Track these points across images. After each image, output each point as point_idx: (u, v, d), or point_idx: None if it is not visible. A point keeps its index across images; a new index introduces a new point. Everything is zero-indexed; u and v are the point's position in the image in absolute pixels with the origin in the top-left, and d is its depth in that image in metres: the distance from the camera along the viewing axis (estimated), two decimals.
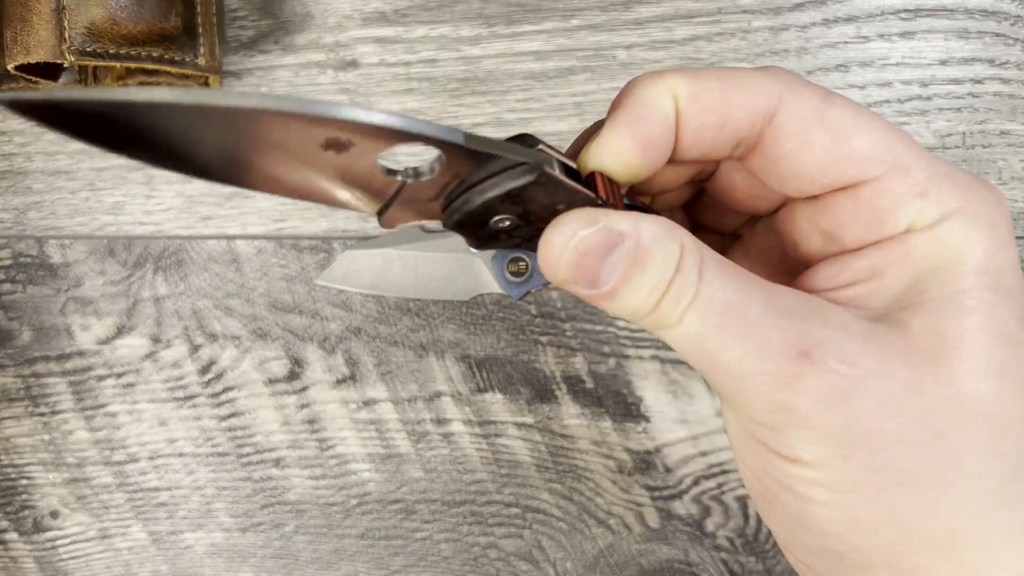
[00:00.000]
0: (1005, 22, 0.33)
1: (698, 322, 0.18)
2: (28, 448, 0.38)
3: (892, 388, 0.18)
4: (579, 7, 0.34)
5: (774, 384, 0.18)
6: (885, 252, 0.19)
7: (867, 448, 0.18)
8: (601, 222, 0.18)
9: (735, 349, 0.18)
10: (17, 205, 0.37)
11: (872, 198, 0.19)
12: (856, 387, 0.18)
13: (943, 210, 0.19)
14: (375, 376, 0.37)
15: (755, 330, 0.18)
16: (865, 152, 0.19)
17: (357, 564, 0.39)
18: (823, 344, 0.18)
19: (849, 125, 0.19)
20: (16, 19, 0.31)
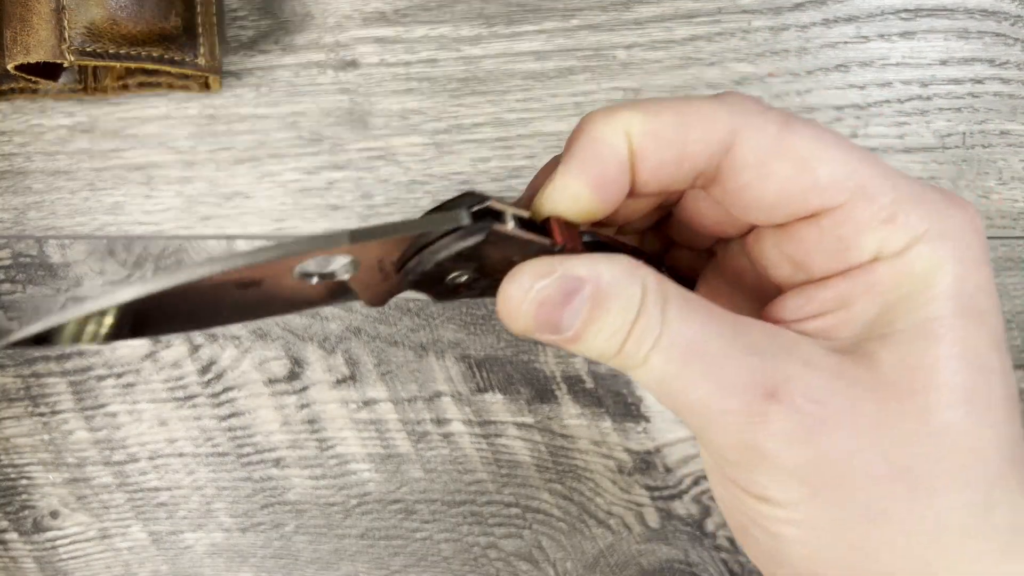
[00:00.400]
0: (1005, 22, 0.33)
1: (663, 363, 0.18)
2: (28, 448, 0.38)
3: (859, 425, 0.17)
4: (579, 7, 0.34)
5: (740, 424, 0.18)
6: (852, 282, 0.19)
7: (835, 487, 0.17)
8: (557, 271, 0.18)
9: (700, 389, 0.18)
10: (17, 205, 0.37)
11: (836, 227, 0.19)
12: (823, 425, 0.17)
13: (911, 235, 0.18)
14: (375, 376, 0.37)
15: (720, 369, 0.18)
16: (827, 180, 0.19)
17: (357, 564, 0.39)
18: (789, 382, 0.17)
19: (810, 153, 0.19)
20: (16, 19, 0.31)
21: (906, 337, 0.18)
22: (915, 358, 0.18)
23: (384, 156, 0.35)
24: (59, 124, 0.36)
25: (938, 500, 0.17)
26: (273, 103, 0.35)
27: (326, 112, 0.35)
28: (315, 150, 0.35)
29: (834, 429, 0.17)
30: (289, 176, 0.36)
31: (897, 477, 0.17)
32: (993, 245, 0.34)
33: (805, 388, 0.17)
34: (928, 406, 0.17)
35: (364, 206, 0.36)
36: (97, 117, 0.36)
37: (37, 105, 0.36)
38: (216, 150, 0.36)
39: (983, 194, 0.34)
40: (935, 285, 0.18)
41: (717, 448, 0.19)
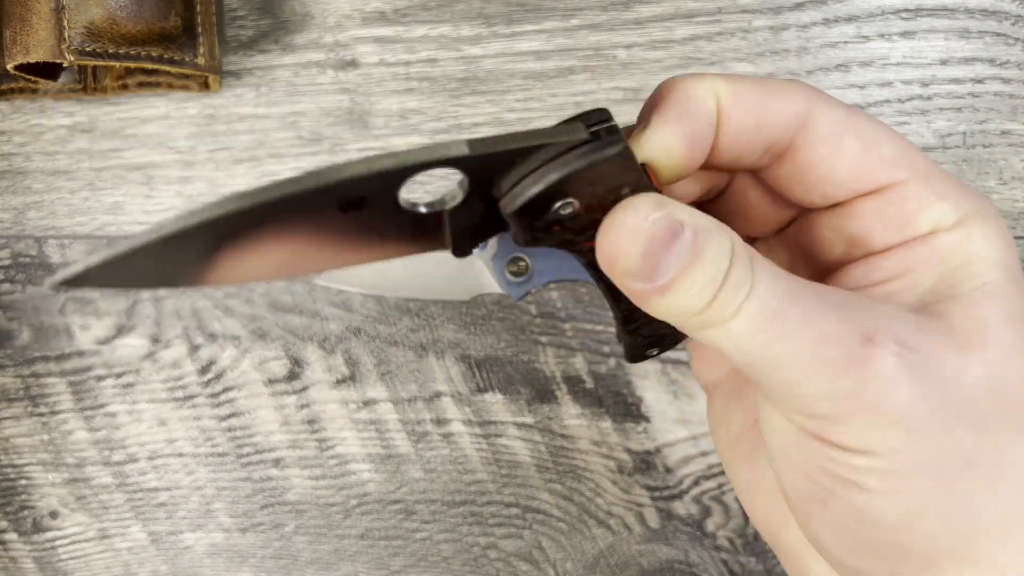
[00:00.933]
0: (1006, 22, 0.33)
1: (754, 316, 0.18)
2: (27, 448, 0.38)
3: (948, 371, 0.18)
4: (579, 7, 0.34)
5: (838, 371, 0.18)
6: (912, 251, 0.20)
7: (935, 430, 0.18)
8: (667, 208, 0.18)
9: (794, 339, 0.18)
10: (16, 205, 0.37)
11: (899, 201, 0.20)
12: (918, 370, 0.18)
13: (961, 212, 0.20)
14: (375, 376, 0.37)
15: (813, 320, 0.18)
16: (892, 157, 0.20)
17: (357, 564, 0.39)
18: (882, 330, 0.18)
19: (873, 134, 0.20)
20: (15, 19, 0.31)
21: (971, 299, 0.19)
22: (983, 316, 0.19)
23: None
24: (59, 124, 0.36)
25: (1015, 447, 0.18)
26: (273, 103, 0.35)
27: (326, 112, 0.35)
28: (315, 150, 0.35)
29: (927, 374, 0.18)
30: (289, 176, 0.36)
31: (983, 425, 0.18)
32: None
33: (898, 336, 0.18)
34: (998, 360, 0.18)
35: None
36: (97, 117, 0.36)
37: (37, 105, 0.36)
38: (216, 150, 0.36)
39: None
40: (988, 256, 0.19)
41: (805, 403, 0.18)
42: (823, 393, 0.18)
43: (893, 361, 0.18)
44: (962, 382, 0.18)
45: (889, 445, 0.18)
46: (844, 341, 0.18)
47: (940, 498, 0.18)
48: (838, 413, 0.18)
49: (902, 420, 0.18)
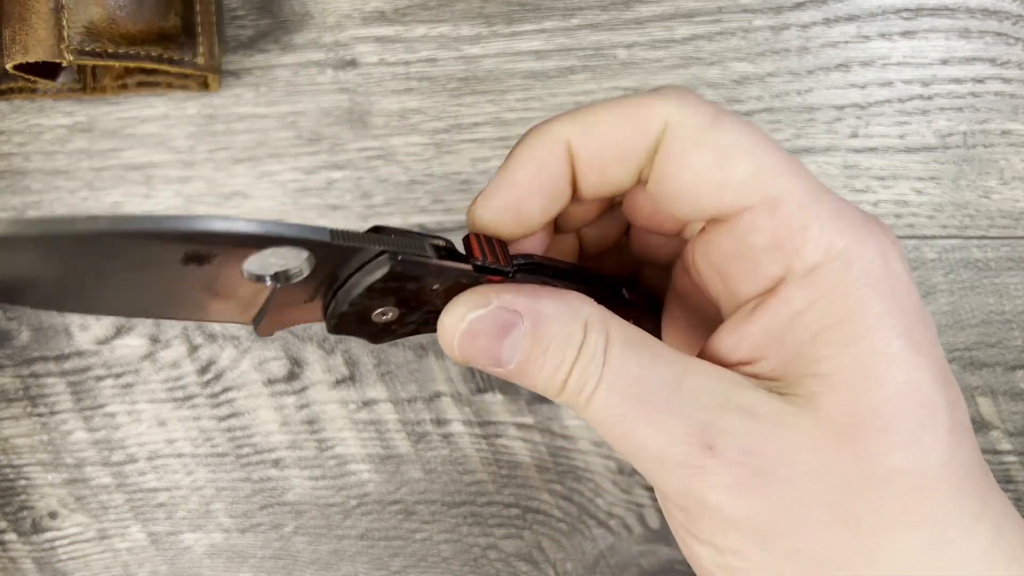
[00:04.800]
0: (1007, 21, 0.33)
1: (605, 405, 0.18)
2: (27, 449, 0.38)
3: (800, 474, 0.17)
4: (579, 6, 0.34)
5: (682, 474, 0.17)
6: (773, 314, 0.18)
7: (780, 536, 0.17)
8: (493, 303, 0.18)
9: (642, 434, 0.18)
10: (16, 205, 0.37)
11: (747, 233, 0.18)
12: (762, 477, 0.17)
13: (820, 253, 0.17)
14: (374, 376, 0.37)
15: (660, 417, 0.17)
16: (742, 178, 0.18)
17: (357, 565, 0.39)
18: (726, 434, 0.17)
19: (733, 148, 0.18)
20: (15, 18, 0.31)
21: (846, 377, 0.17)
22: (856, 401, 0.17)
23: (384, 156, 0.35)
24: (58, 124, 0.36)
25: (886, 545, 0.17)
26: (272, 102, 0.35)
27: (325, 112, 0.35)
28: (314, 150, 0.35)
29: (774, 480, 0.17)
30: (288, 176, 0.36)
31: (842, 524, 0.17)
32: (994, 245, 0.34)
33: (743, 441, 0.17)
34: (870, 451, 0.17)
35: (363, 206, 0.35)
36: (96, 117, 0.36)
37: (36, 105, 0.36)
38: (215, 150, 0.36)
39: (984, 194, 0.34)
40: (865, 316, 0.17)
41: (664, 493, 0.18)
42: (673, 490, 0.18)
43: (731, 471, 0.17)
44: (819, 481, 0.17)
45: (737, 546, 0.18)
46: (687, 443, 0.17)
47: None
48: (687, 509, 0.18)
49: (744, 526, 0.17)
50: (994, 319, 0.35)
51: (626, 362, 0.18)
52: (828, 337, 0.17)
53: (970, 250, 0.34)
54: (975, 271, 0.35)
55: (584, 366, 0.18)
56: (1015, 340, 0.35)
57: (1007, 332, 0.35)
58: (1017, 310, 0.35)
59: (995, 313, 0.35)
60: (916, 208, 0.34)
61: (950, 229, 0.34)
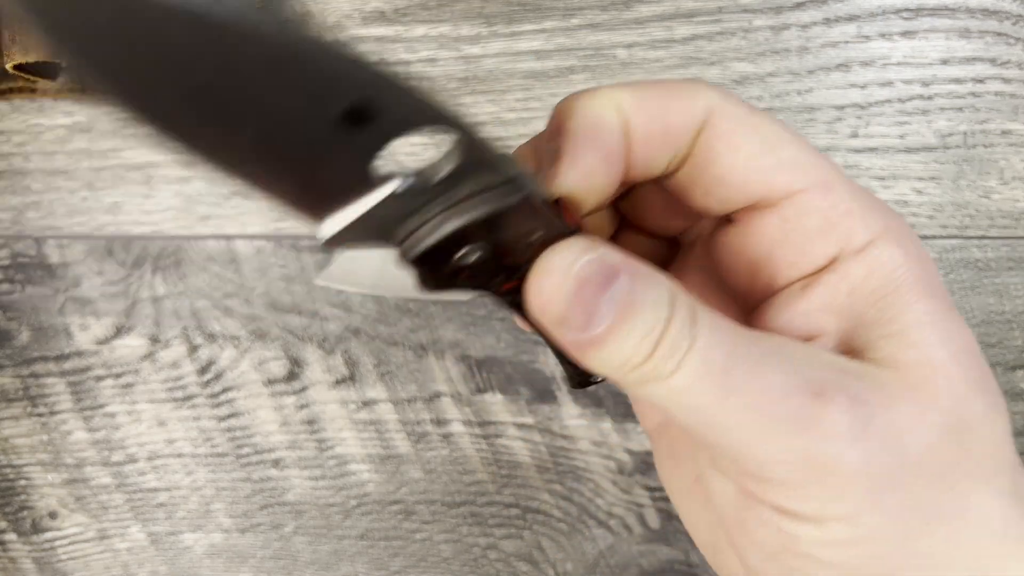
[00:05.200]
0: (1007, 21, 0.33)
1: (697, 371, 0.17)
2: (27, 449, 0.38)
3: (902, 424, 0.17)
4: (579, 6, 0.34)
5: (789, 430, 0.16)
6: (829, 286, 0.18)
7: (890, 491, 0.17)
8: (599, 250, 0.17)
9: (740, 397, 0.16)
10: (15, 205, 0.37)
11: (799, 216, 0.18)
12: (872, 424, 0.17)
13: (872, 231, 0.18)
14: (374, 376, 0.37)
15: (760, 375, 0.17)
16: (791, 163, 0.18)
17: (356, 565, 0.39)
18: (831, 384, 0.17)
19: (775, 136, 0.19)
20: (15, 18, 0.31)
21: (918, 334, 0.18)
22: (928, 354, 0.17)
23: None
24: (58, 124, 0.36)
25: (977, 493, 0.17)
26: None
27: None
28: None
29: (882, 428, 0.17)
30: None
31: (942, 473, 0.17)
32: (994, 245, 0.34)
33: (847, 388, 0.17)
34: (952, 399, 0.17)
35: None
36: (96, 117, 0.36)
37: (36, 105, 0.36)
38: None
39: (984, 194, 0.34)
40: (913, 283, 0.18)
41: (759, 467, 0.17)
42: (776, 456, 0.17)
43: (846, 419, 0.16)
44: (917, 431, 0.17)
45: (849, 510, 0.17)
46: (794, 397, 0.16)
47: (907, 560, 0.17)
48: (791, 479, 0.17)
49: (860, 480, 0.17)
50: (994, 319, 0.35)
51: (716, 328, 0.17)
52: (891, 301, 0.18)
53: (970, 250, 0.34)
54: (975, 271, 0.35)
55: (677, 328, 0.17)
56: (1015, 340, 0.35)
57: (1007, 332, 0.35)
58: (1017, 310, 0.35)
59: (995, 313, 0.35)
60: (916, 208, 0.34)
61: (950, 229, 0.34)
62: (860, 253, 0.18)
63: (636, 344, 0.17)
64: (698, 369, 0.17)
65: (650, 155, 0.19)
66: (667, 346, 0.17)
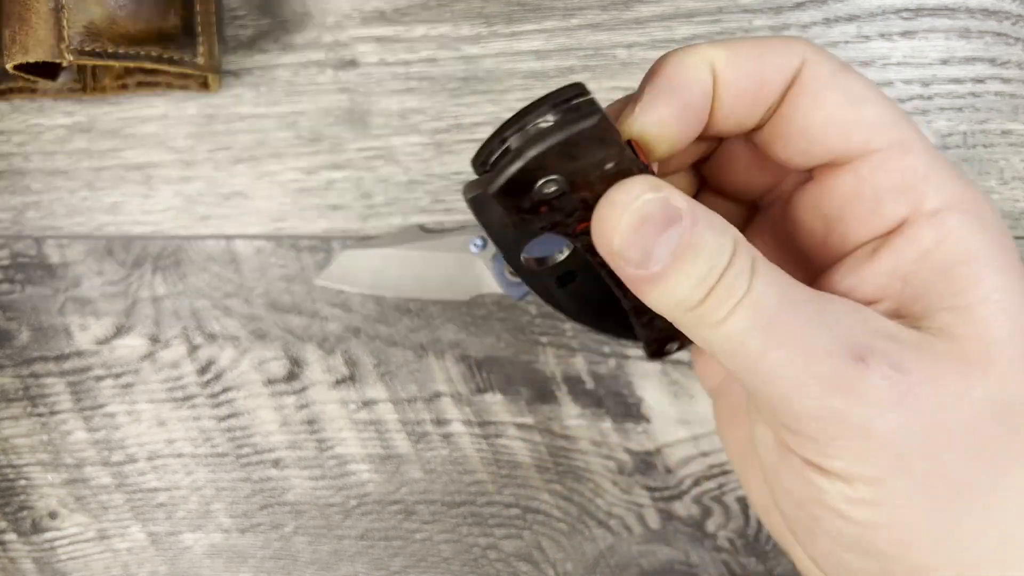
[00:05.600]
0: (1006, 21, 0.33)
1: (748, 320, 0.17)
2: (27, 449, 0.38)
3: (945, 396, 0.17)
4: (579, 6, 0.34)
5: (826, 389, 0.17)
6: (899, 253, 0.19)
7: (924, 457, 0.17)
8: (664, 191, 0.18)
9: (784, 352, 0.17)
10: (15, 205, 0.37)
11: (873, 175, 0.19)
12: (910, 394, 0.17)
13: (944, 198, 0.18)
14: (374, 376, 0.37)
15: (808, 332, 0.17)
16: (872, 121, 0.19)
17: (356, 565, 0.39)
18: (876, 350, 0.17)
19: (861, 93, 0.19)
20: (15, 18, 0.31)
21: (980, 309, 0.18)
22: (992, 331, 0.18)
23: (384, 156, 0.35)
24: (58, 124, 0.36)
25: (1017, 474, 0.17)
26: (272, 102, 0.35)
27: (325, 111, 0.35)
28: (314, 149, 0.35)
29: (919, 399, 0.17)
30: (288, 176, 0.36)
31: (981, 449, 0.17)
32: None
33: (892, 357, 0.17)
34: (1005, 378, 0.17)
35: (363, 206, 0.35)
36: (96, 117, 0.36)
37: (36, 105, 0.36)
38: (215, 150, 0.36)
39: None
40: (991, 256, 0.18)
41: (793, 419, 0.18)
42: (811, 412, 0.17)
43: (884, 384, 0.17)
44: (960, 405, 0.17)
45: (876, 473, 0.17)
46: (836, 357, 0.17)
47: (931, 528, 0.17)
48: (825, 435, 0.17)
49: (889, 446, 0.17)
50: None
51: (772, 280, 0.17)
52: (959, 273, 0.18)
53: None
54: None
55: (733, 277, 0.17)
56: None
57: None
58: None
59: None
60: None
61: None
62: (931, 219, 0.18)
63: (693, 285, 0.17)
64: (750, 317, 0.17)
65: (742, 110, 0.20)
66: (722, 291, 0.17)
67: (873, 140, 0.19)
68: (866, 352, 0.17)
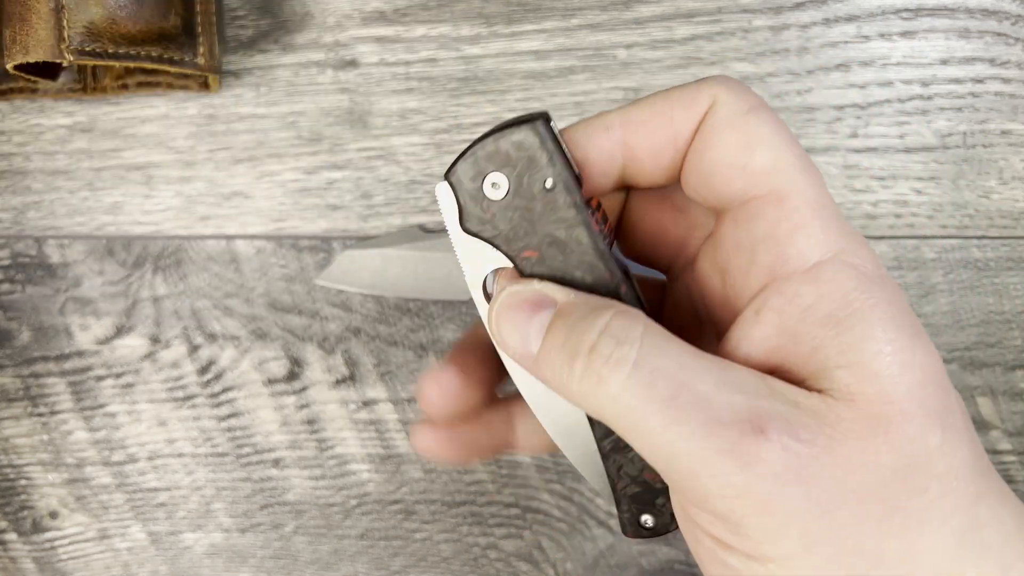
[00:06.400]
0: (1006, 21, 0.33)
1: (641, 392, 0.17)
2: (27, 448, 0.38)
3: (848, 465, 0.16)
4: (579, 6, 0.34)
5: (729, 465, 0.16)
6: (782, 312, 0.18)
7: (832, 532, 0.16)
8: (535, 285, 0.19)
9: (685, 425, 0.16)
10: (16, 205, 0.37)
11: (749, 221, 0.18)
12: (812, 465, 0.16)
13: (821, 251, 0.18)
14: (375, 376, 0.37)
15: (706, 404, 0.16)
16: (758, 166, 0.18)
17: (357, 565, 0.39)
18: (775, 419, 0.16)
19: (759, 136, 0.18)
20: (15, 18, 0.31)
21: (875, 365, 0.17)
22: (890, 387, 0.17)
23: (384, 156, 0.35)
24: (58, 124, 0.36)
25: (930, 533, 0.17)
26: (272, 103, 0.35)
27: (325, 112, 0.35)
28: (314, 150, 0.35)
29: (823, 470, 0.16)
30: (288, 176, 0.36)
31: (891, 515, 0.16)
32: (993, 245, 0.34)
33: (792, 428, 0.16)
34: (911, 435, 0.17)
35: (363, 206, 0.35)
36: (96, 117, 0.36)
37: (36, 105, 0.36)
38: (215, 150, 0.36)
39: (984, 194, 0.34)
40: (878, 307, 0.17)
41: (702, 497, 0.17)
42: (716, 490, 0.16)
43: (784, 456, 0.16)
44: (865, 472, 0.16)
45: (784, 551, 0.16)
46: (734, 429, 0.16)
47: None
48: (733, 513, 0.17)
49: (795, 521, 0.16)
50: (994, 319, 0.35)
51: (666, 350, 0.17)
52: (848, 328, 0.17)
53: (970, 250, 0.34)
54: (975, 271, 0.35)
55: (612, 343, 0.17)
56: (1015, 340, 0.35)
57: (1007, 332, 0.35)
58: (1017, 310, 0.35)
59: (995, 313, 0.35)
60: (916, 208, 0.34)
61: (950, 229, 0.34)
62: (807, 274, 0.18)
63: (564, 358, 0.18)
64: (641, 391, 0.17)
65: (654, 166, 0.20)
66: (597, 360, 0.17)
67: (753, 186, 0.18)
68: (765, 422, 0.16)
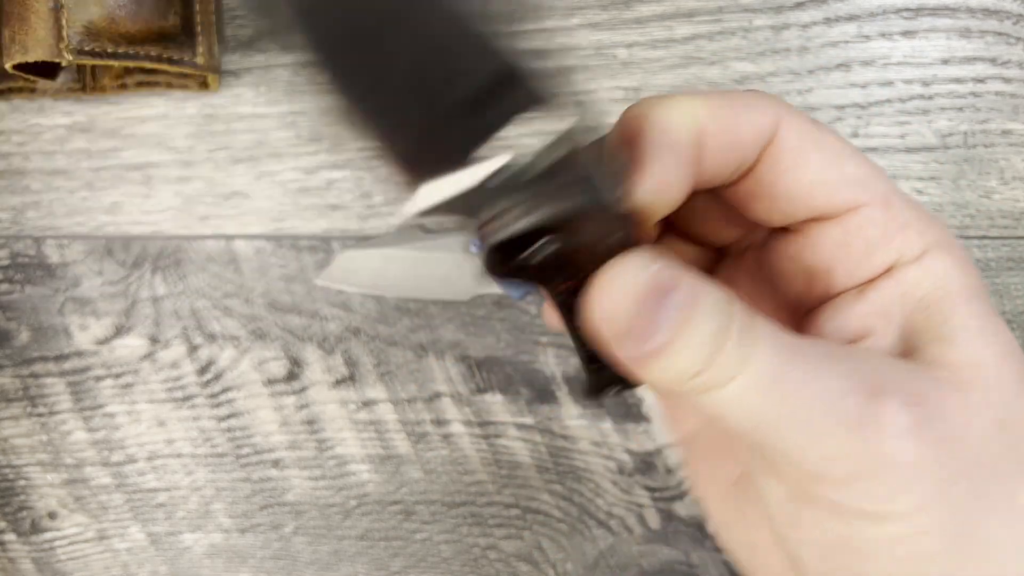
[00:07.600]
0: (1007, 21, 0.33)
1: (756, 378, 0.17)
2: (26, 449, 0.38)
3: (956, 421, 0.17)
4: (579, 5, 0.34)
5: (847, 429, 0.17)
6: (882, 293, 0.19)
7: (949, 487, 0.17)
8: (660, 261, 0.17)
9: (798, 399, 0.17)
10: (15, 205, 0.37)
11: (861, 228, 0.20)
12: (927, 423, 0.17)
13: (924, 242, 0.19)
14: (374, 376, 0.37)
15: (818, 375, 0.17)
16: (855, 178, 0.19)
17: (356, 565, 0.39)
18: (888, 384, 0.17)
19: (839, 151, 0.20)
20: (14, 18, 0.31)
21: (962, 338, 0.18)
22: (977, 355, 0.18)
23: None
24: (57, 123, 0.36)
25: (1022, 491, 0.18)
26: (272, 102, 0.35)
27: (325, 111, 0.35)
28: (314, 149, 0.35)
29: (938, 425, 0.17)
30: (288, 175, 0.36)
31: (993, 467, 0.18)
32: (994, 245, 0.34)
33: (904, 387, 0.17)
34: (1000, 398, 0.18)
35: (363, 206, 0.35)
36: (95, 116, 0.36)
37: (35, 104, 0.36)
38: (214, 149, 0.36)
39: (984, 194, 0.34)
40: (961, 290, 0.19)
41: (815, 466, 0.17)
42: (832, 454, 0.17)
43: (904, 416, 0.17)
44: (970, 428, 0.17)
45: (910, 506, 0.17)
46: (851, 396, 0.17)
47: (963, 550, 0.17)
48: (849, 475, 0.17)
49: (916, 479, 0.17)
50: None
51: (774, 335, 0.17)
52: (940, 307, 0.19)
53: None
54: None
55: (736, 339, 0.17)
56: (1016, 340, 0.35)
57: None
58: (1017, 310, 0.35)
59: None
60: None
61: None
62: (915, 262, 0.19)
63: (694, 355, 0.17)
64: (756, 377, 0.17)
65: (718, 166, 0.20)
66: (726, 356, 0.17)
67: (858, 196, 0.20)
68: (879, 388, 0.17)
